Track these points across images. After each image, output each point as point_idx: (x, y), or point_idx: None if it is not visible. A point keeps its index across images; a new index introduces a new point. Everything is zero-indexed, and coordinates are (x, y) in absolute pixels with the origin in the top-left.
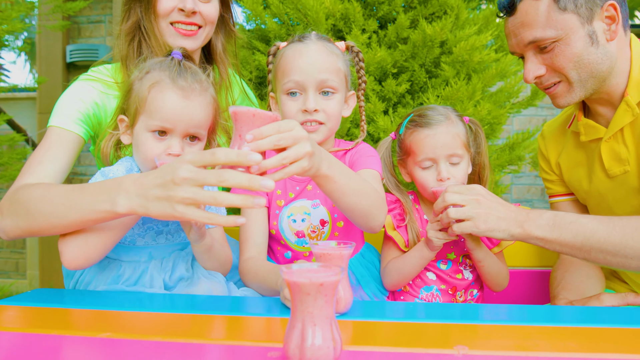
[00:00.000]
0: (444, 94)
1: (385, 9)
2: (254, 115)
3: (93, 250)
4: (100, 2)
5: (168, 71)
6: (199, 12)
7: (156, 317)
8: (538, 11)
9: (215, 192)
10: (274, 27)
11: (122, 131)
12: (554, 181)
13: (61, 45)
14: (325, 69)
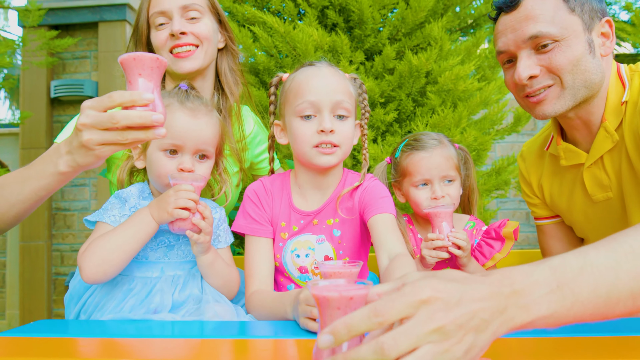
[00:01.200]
0: (431, 122)
1: (372, 41)
2: (134, 59)
3: (110, 265)
4: (85, 38)
5: (176, 97)
6: (190, 32)
7: (165, 342)
8: (545, 6)
9: (113, 112)
10: (263, 59)
11: (136, 157)
12: (537, 205)
13: (45, 81)
14: (340, 91)
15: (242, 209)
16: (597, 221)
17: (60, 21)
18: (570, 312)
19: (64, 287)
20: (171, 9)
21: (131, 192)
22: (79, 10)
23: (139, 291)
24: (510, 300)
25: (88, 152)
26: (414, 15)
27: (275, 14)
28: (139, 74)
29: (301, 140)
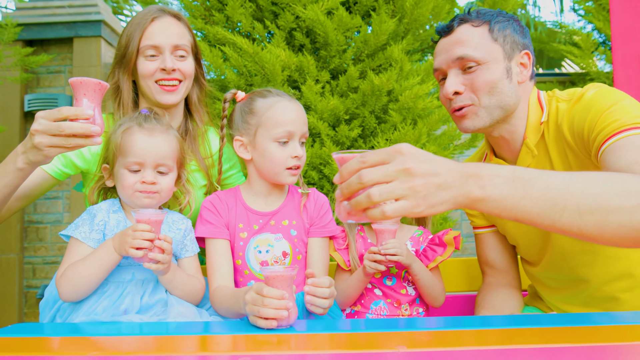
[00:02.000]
0: (392, 138)
1: (337, 61)
2: (81, 82)
3: (83, 289)
4: (60, 52)
5: (136, 120)
6: (178, 69)
7: (133, 339)
8: (473, 34)
9: (60, 123)
10: (233, 77)
11: (106, 177)
12: (476, 215)
13: (19, 95)
14: (306, 122)
15: (200, 218)
16: (526, 230)
17: (35, 36)
18: (519, 204)
19: (35, 299)
20: (164, 45)
21: (101, 207)
22: (54, 26)
23: (111, 293)
24: (471, 179)
25: (39, 152)
26: (376, 38)
27: (245, 35)
28: (84, 94)
29: (276, 162)
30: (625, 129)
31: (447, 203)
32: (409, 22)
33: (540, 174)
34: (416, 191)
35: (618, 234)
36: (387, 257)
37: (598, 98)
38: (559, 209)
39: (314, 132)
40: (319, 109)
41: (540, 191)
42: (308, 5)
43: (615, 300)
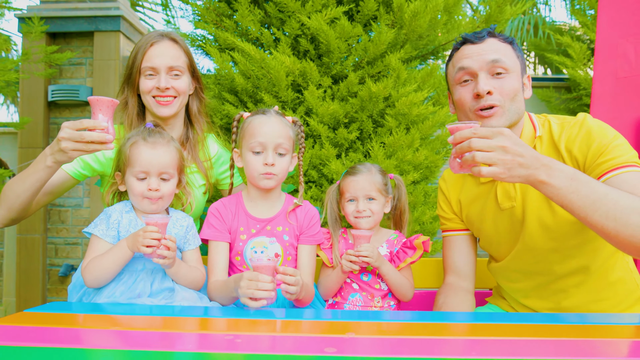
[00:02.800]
0: (387, 142)
1: (338, 68)
2: (97, 100)
3: (103, 280)
4: (81, 46)
5: (141, 135)
6: (172, 87)
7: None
8: (501, 46)
9: (81, 132)
10: (241, 81)
11: (119, 183)
12: (451, 219)
13: (43, 86)
14: (281, 135)
15: (206, 221)
16: (500, 226)
17: (58, 29)
18: (569, 195)
19: (57, 277)
20: (160, 67)
21: (115, 208)
22: (76, 20)
23: (127, 280)
24: (544, 167)
25: (64, 154)
26: (376, 47)
27: (253, 41)
28: (100, 109)
29: (252, 168)
30: (628, 165)
31: (522, 178)
32: (407, 32)
33: (591, 180)
34: (505, 163)
35: (627, 241)
36: (361, 259)
37: (600, 130)
38: (595, 208)
39: (315, 134)
40: (320, 113)
41: (587, 192)
42: (312, 15)
43: (564, 292)
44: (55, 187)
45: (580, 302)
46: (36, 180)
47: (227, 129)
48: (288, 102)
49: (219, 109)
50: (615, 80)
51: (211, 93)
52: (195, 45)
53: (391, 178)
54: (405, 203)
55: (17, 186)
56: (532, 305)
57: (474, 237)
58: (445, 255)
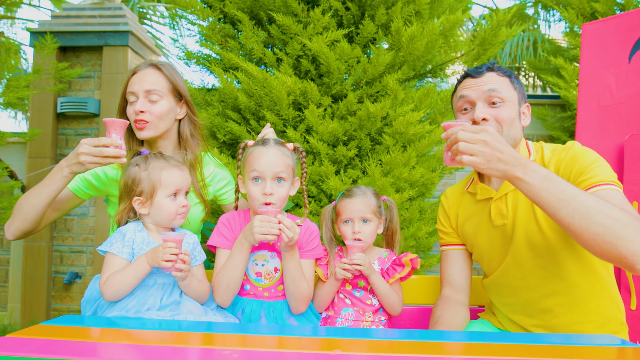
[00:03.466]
0: (384, 160)
1: (338, 87)
2: (112, 121)
3: (122, 293)
4: (90, 59)
5: (162, 159)
6: (148, 110)
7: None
8: (500, 80)
9: (100, 148)
10: (244, 99)
11: (139, 208)
12: (449, 233)
13: (53, 97)
14: (279, 165)
15: (216, 230)
16: (492, 241)
17: (69, 43)
18: (540, 192)
19: (62, 284)
20: (138, 91)
21: (128, 227)
22: (86, 35)
23: (138, 294)
24: (521, 165)
25: (82, 166)
26: (374, 69)
27: (257, 61)
28: (114, 129)
29: (252, 197)
30: (605, 184)
31: (500, 172)
32: (404, 54)
33: (563, 182)
34: (485, 155)
35: (592, 239)
36: (354, 267)
37: (583, 154)
38: (563, 206)
39: (315, 152)
40: (320, 131)
41: (557, 191)
42: (314, 37)
43: (550, 312)
44: (62, 204)
45: (565, 322)
46: (53, 190)
47: (230, 144)
48: (289, 120)
49: (223, 125)
50: (599, 108)
51: (215, 110)
52: (201, 64)
53: (384, 200)
54: (396, 224)
55: (32, 197)
56: (520, 322)
57: (469, 252)
58: (442, 268)
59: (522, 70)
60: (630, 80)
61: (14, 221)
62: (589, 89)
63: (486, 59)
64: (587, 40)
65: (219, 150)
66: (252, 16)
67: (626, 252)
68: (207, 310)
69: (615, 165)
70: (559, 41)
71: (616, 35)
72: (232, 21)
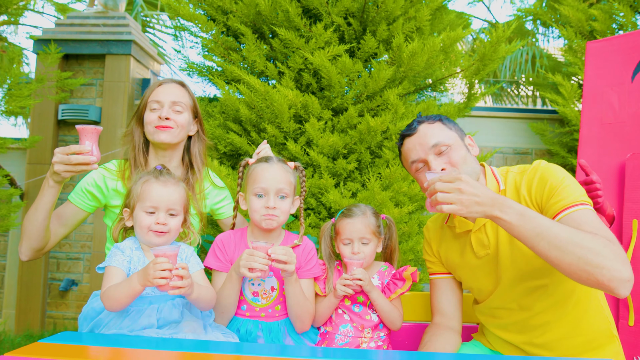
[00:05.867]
0: (384, 174)
1: (339, 101)
2: (83, 128)
3: (117, 305)
4: (92, 67)
5: (153, 174)
6: (173, 119)
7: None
8: (434, 129)
9: (69, 156)
10: (245, 112)
11: (126, 218)
12: (434, 262)
13: (54, 104)
14: (282, 181)
15: (211, 251)
16: (479, 272)
17: (72, 51)
18: (518, 228)
19: (58, 291)
20: (164, 100)
21: (126, 244)
22: (89, 43)
23: (134, 315)
24: (497, 205)
25: (57, 175)
26: (375, 83)
27: (259, 74)
28: (85, 136)
29: (255, 210)
30: (576, 204)
31: (479, 213)
32: (405, 70)
33: (537, 216)
34: (462, 202)
35: (568, 269)
36: (355, 282)
37: (551, 173)
38: (540, 239)
39: (315, 165)
40: (320, 144)
41: (533, 225)
42: (315, 51)
43: (544, 326)
44: (68, 220)
45: (555, 337)
46: (45, 202)
47: (230, 155)
48: (290, 133)
49: (224, 137)
50: (601, 126)
51: (216, 122)
52: (203, 75)
53: (383, 219)
54: (395, 242)
55: (31, 213)
56: (511, 340)
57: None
58: (432, 297)
59: (521, 84)
60: (633, 99)
61: (22, 241)
62: (592, 106)
63: (485, 74)
64: (591, 58)
65: (219, 161)
66: (255, 30)
67: (602, 278)
68: (207, 326)
69: (616, 183)
70: (557, 56)
71: (620, 54)
72: (234, 34)
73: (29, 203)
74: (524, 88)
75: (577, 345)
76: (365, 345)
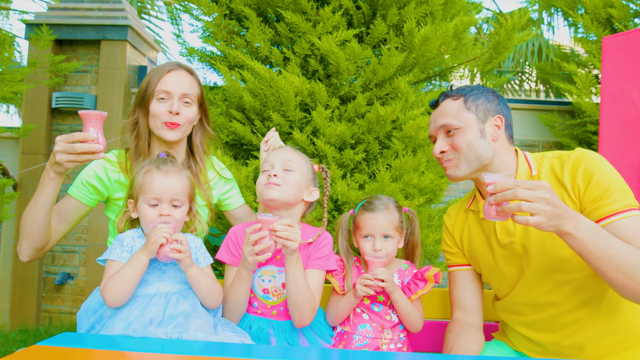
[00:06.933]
0: (394, 165)
1: (346, 89)
2: (87, 114)
3: (123, 294)
4: (87, 53)
5: (155, 163)
6: (183, 114)
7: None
8: (452, 107)
9: (74, 144)
10: (249, 99)
11: (131, 210)
12: (455, 254)
13: (47, 92)
14: (289, 159)
15: (224, 244)
16: (504, 261)
17: (65, 36)
18: (588, 246)
19: (53, 284)
20: (174, 92)
21: (127, 234)
22: (84, 28)
23: (140, 304)
24: (572, 219)
25: (60, 166)
26: (385, 70)
27: (263, 59)
28: (90, 122)
29: (259, 183)
30: (626, 210)
31: (554, 227)
32: (416, 56)
33: (609, 236)
34: (547, 213)
35: (630, 291)
36: (376, 282)
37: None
38: (609, 261)
39: (321, 155)
40: (327, 134)
41: (605, 245)
42: (323, 36)
43: (574, 324)
44: (69, 215)
45: (586, 337)
46: (46, 196)
47: (233, 145)
48: (295, 122)
49: (226, 125)
50: (622, 123)
51: (218, 110)
52: (205, 61)
53: (405, 212)
54: (418, 238)
55: (30, 210)
56: (536, 338)
57: (478, 272)
58: (451, 291)
59: (526, 76)
60: None
61: (22, 241)
62: (612, 103)
63: (497, 64)
64: (609, 53)
65: (222, 151)
66: (260, 13)
67: None
68: (217, 324)
69: (638, 182)
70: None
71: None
72: (238, 17)
73: (23, 194)
74: (528, 81)
75: (607, 345)
76: (385, 347)
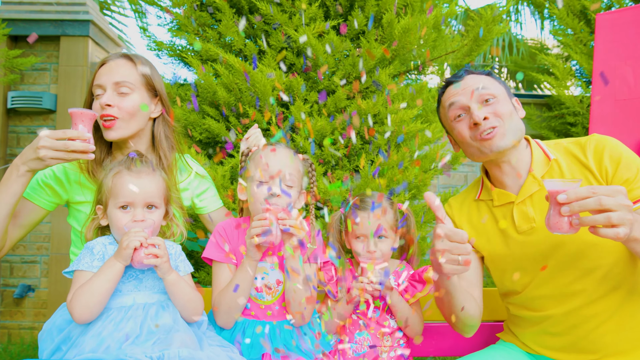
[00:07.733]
0: (377, 161)
1: (326, 83)
2: (81, 112)
3: (94, 305)
4: (46, 50)
5: (125, 164)
6: (116, 105)
7: None
8: (483, 79)
9: (65, 142)
10: (223, 94)
11: (101, 217)
12: None
13: (2, 92)
14: (287, 165)
15: (213, 242)
16: (517, 249)
17: (21, 32)
18: None
19: (12, 298)
20: (106, 83)
21: (97, 241)
22: (41, 23)
23: (114, 317)
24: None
25: (41, 162)
26: (365, 63)
27: (237, 53)
28: (82, 121)
29: (257, 198)
30: None
31: (627, 235)
32: (397, 48)
33: None
34: (630, 222)
35: None
36: (372, 286)
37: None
38: None
39: (301, 151)
40: (307, 129)
41: None
42: (300, 28)
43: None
44: (23, 219)
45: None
46: (11, 195)
47: (206, 143)
48: (273, 118)
49: (199, 122)
50: (614, 103)
51: (190, 106)
52: (174, 55)
53: (400, 208)
54: (413, 236)
55: None
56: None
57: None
58: None
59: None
60: None
61: None
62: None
63: (476, 56)
64: (602, 31)
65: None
66: (232, 4)
67: None
68: (202, 338)
69: None
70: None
71: (633, 26)
72: (209, 9)
73: None
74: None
75: (626, 340)
76: (385, 355)
